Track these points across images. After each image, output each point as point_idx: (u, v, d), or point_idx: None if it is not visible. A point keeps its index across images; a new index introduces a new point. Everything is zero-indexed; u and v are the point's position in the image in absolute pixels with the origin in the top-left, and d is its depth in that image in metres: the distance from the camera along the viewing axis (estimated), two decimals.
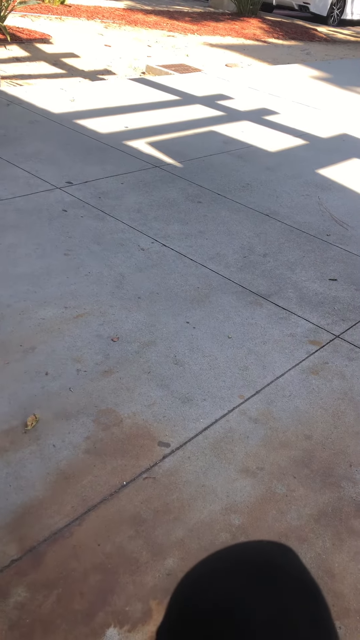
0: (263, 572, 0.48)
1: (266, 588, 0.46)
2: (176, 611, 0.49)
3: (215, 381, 2.05)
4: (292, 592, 0.46)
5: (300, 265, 2.92)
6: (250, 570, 0.48)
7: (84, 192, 3.37)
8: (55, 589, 1.33)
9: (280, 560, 0.49)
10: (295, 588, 0.47)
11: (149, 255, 2.81)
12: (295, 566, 0.49)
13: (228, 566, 0.49)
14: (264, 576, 0.47)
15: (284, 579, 0.47)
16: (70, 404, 1.87)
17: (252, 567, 0.48)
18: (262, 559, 0.49)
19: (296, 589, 0.46)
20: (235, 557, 0.50)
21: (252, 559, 0.49)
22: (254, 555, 0.50)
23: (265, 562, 0.49)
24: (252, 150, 4.57)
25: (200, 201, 3.49)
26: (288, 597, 0.46)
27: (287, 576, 0.48)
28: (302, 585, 0.47)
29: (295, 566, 0.49)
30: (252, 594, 0.46)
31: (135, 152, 4.11)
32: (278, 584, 0.47)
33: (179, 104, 5.52)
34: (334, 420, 1.96)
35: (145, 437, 1.78)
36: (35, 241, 2.78)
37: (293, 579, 0.47)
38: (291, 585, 0.47)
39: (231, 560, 0.50)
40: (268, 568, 0.48)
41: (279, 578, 0.47)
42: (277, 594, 0.46)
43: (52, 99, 5.09)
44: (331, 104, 6.43)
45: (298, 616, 0.45)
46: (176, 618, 0.48)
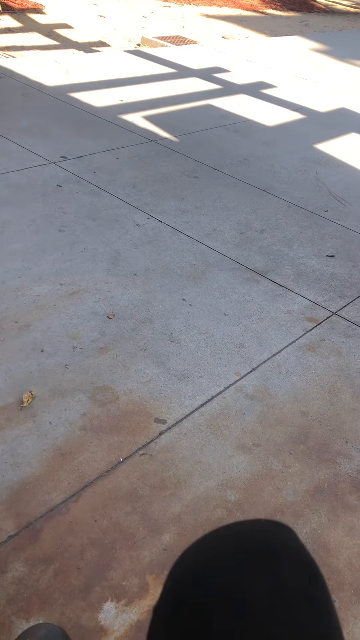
0: (261, 551, 0.47)
1: (264, 567, 0.46)
2: (173, 590, 0.49)
3: (211, 358, 2.04)
4: (291, 572, 0.46)
5: (298, 241, 2.90)
6: (248, 550, 0.47)
7: (78, 166, 3.32)
8: (53, 564, 1.34)
9: (278, 539, 0.49)
10: (293, 567, 0.46)
11: (145, 231, 2.78)
12: (294, 545, 0.49)
13: (225, 545, 0.49)
14: (261, 555, 0.47)
15: (282, 558, 0.47)
16: (66, 381, 1.86)
17: (250, 546, 0.48)
18: (260, 538, 0.49)
19: (294, 569, 0.46)
20: (233, 536, 0.50)
21: (250, 538, 0.49)
22: (251, 534, 0.50)
23: (264, 541, 0.48)
24: (249, 124, 4.50)
25: (197, 176, 3.45)
26: (286, 577, 0.45)
27: (285, 555, 0.47)
28: (300, 565, 0.47)
29: (293, 545, 0.49)
30: (249, 574, 0.45)
31: (130, 126, 4.04)
32: (276, 563, 0.46)
33: (175, 77, 5.42)
34: (330, 397, 1.96)
35: (141, 413, 1.78)
36: (29, 217, 2.75)
37: (291, 558, 0.47)
38: (289, 564, 0.46)
39: (229, 539, 0.49)
40: (266, 547, 0.48)
41: (277, 557, 0.47)
42: (275, 574, 0.45)
43: (46, 71, 4.98)
44: (330, 77, 6.33)
45: (296, 596, 0.44)
46: (173, 597, 0.48)
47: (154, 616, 0.51)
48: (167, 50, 6.41)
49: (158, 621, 0.50)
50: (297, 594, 0.45)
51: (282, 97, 5.31)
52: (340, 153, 4.18)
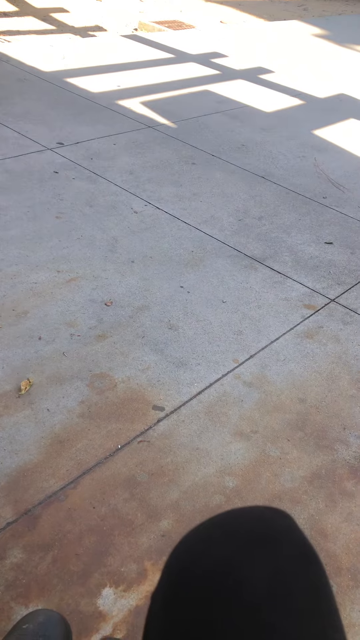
0: (260, 538, 0.47)
1: (263, 554, 0.45)
2: (171, 577, 0.48)
3: (209, 345, 2.04)
4: (290, 559, 0.45)
5: (296, 228, 2.88)
6: (247, 536, 0.47)
7: (75, 153, 3.29)
8: (51, 551, 1.34)
9: (277, 526, 0.48)
10: (292, 554, 0.46)
11: (142, 218, 2.76)
12: (293, 532, 0.48)
13: (224, 532, 0.48)
14: (260, 542, 0.46)
15: (282, 545, 0.46)
16: (64, 368, 1.85)
17: (249, 533, 0.47)
18: (259, 524, 0.48)
19: (294, 556, 0.46)
20: (232, 522, 0.50)
21: (249, 525, 0.48)
22: (250, 520, 0.49)
23: (263, 527, 0.48)
24: (247, 110, 4.46)
25: (195, 162, 3.42)
26: (285, 564, 0.45)
27: (284, 542, 0.47)
28: (299, 552, 0.46)
29: (292, 532, 0.48)
30: (248, 560, 0.45)
31: (128, 112, 4.01)
32: (275, 550, 0.46)
33: (173, 62, 5.36)
34: (328, 383, 1.96)
35: (139, 401, 1.78)
36: (26, 204, 2.73)
37: (291, 545, 0.47)
38: (288, 551, 0.46)
39: (227, 526, 0.49)
40: (265, 534, 0.47)
41: (276, 544, 0.46)
42: (274, 560, 0.45)
43: (42, 56, 4.93)
44: (328, 62, 6.27)
45: (295, 583, 0.44)
46: (171, 584, 0.48)
47: (152, 602, 0.51)
48: (165, 35, 6.34)
49: (156, 607, 0.49)
50: (295, 580, 0.45)
51: (280, 82, 5.26)
52: (339, 139, 4.15)
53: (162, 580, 0.51)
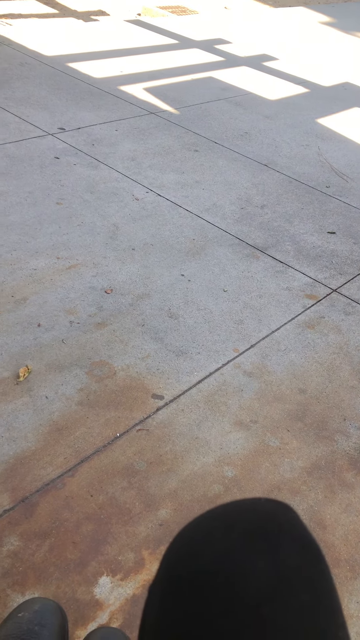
0: (261, 530, 0.45)
1: (264, 547, 0.44)
2: (169, 570, 0.47)
3: (209, 335, 2.02)
4: (291, 553, 0.44)
5: (299, 217, 2.86)
6: (248, 529, 0.46)
7: (76, 138, 3.26)
8: (48, 539, 1.33)
9: (279, 519, 0.47)
10: (294, 548, 0.44)
11: (144, 205, 2.73)
12: (295, 525, 0.47)
13: (224, 524, 0.47)
14: (261, 535, 0.45)
15: (283, 539, 0.45)
16: (63, 355, 1.84)
17: (250, 526, 0.46)
18: (260, 517, 0.47)
19: (295, 549, 0.44)
20: (232, 514, 0.48)
21: (250, 517, 0.47)
22: (251, 513, 0.48)
23: (264, 520, 0.47)
24: (251, 97, 4.41)
25: (197, 150, 3.39)
26: (287, 558, 0.43)
27: (286, 535, 0.45)
28: (301, 546, 0.45)
29: (294, 525, 0.47)
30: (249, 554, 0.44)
31: (130, 98, 3.96)
32: (277, 543, 0.44)
33: (176, 48, 5.30)
34: (329, 374, 1.94)
35: (138, 389, 1.76)
36: (26, 189, 2.70)
37: (292, 539, 0.45)
38: (290, 545, 0.45)
39: (227, 518, 0.48)
40: (266, 527, 0.46)
41: (278, 537, 0.45)
42: (276, 554, 0.43)
43: (44, 41, 4.87)
44: (334, 50, 6.20)
45: (296, 576, 0.43)
46: (169, 577, 0.46)
47: (149, 595, 0.49)
48: (168, 20, 6.27)
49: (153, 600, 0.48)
50: (297, 574, 0.44)
51: (284, 70, 5.20)
52: (343, 128, 4.11)
53: (159, 572, 0.49)
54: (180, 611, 0.43)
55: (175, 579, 0.46)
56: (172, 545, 0.49)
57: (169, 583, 0.46)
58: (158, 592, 0.47)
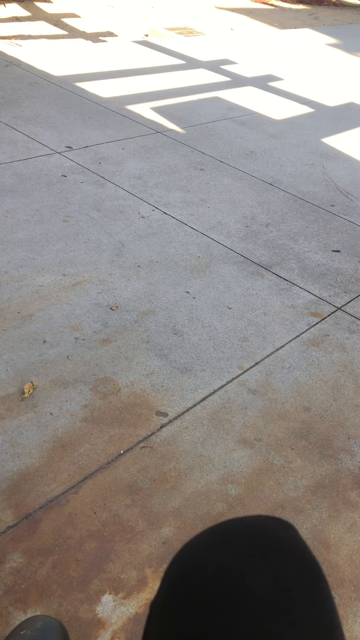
0: (262, 548, 0.46)
1: (265, 564, 0.44)
2: (171, 586, 0.47)
3: (214, 352, 2.03)
4: (292, 570, 0.44)
5: (303, 235, 2.87)
6: (249, 546, 0.46)
7: (84, 157, 3.30)
8: (51, 556, 1.33)
9: (280, 537, 0.47)
10: (295, 565, 0.45)
11: (149, 223, 2.76)
12: (295, 542, 0.47)
13: (226, 541, 0.47)
14: (263, 552, 0.45)
15: (284, 556, 0.45)
16: (68, 372, 1.85)
17: (251, 543, 0.46)
18: (261, 534, 0.47)
19: (296, 567, 0.45)
20: (234, 531, 0.49)
21: (251, 534, 0.47)
22: (253, 530, 0.48)
23: (265, 537, 0.47)
24: (256, 117, 4.46)
25: (203, 168, 3.42)
26: (287, 575, 0.44)
27: (287, 553, 0.46)
28: (302, 563, 0.45)
29: (294, 542, 0.47)
30: (250, 570, 0.44)
31: (137, 117, 4.02)
32: (277, 560, 0.45)
33: (183, 68, 5.38)
34: (334, 392, 1.94)
35: (143, 406, 1.77)
36: (33, 207, 2.73)
37: (293, 556, 0.46)
38: (291, 562, 0.45)
39: (229, 535, 0.48)
40: (267, 544, 0.46)
41: (279, 555, 0.45)
42: (276, 571, 0.44)
43: (53, 61, 4.95)
44: (338, 70, 6.27)
45: (297, 594, 0.43)
46: (171, 593, 0.47)
47: (151, 611, 0.50)
48: (175, 41, 6.37)
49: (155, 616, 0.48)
50: (297, 591, 0.44)
51: (290, 90, 5.27)
52: (348, 147, 4.14)
53: (161, 588, 0.50)
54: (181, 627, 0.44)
55: (177, 595, 0.46)
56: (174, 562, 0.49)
57: (171, 599, 0.46)
58: (159, 608, 0.47)
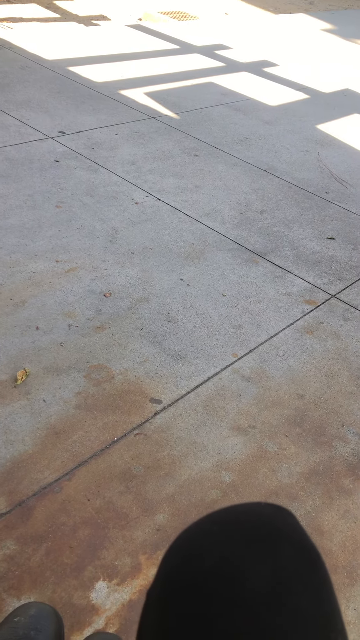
0: (261, 535, 0.45)
1: (264, 552, 0.44)
2: (167, 574, 0.47)
3: (208, 339, 2.02)
4: (291, 558, 0.44)
5: (298, 222, 2.86)
6: (247, 534, 0.45)
7: (76, 142, 3.26)
8: (45, 543, 1.33)
9: (279, 524, 0.47)
10: (294, 553, 0.44)
11: (143, 209, 2.73)
12: (296, 530, 0.47)
13: (223, 529, 0.47)
14: (261, 540, 0.45)
15: (283, 544, 0.45)
16: (61, 359, 1.84)
17: (249, 530, 0.46)
18: (259, 521, 0.47)
19: (295, 555, 0.44)
20: (232, 519, 0.48)
21: (249, 522, 0.47)
22: (251, 517, 0.48)
23: (263, 525, 0.46)
24: (251, 103, 4.43)
25: (197, 154, 3.39)
26: (286, 563, 0.43)
27: (286, 540, 0.45)
28: (301, 551, 0.45)
29: (294, 530, 0.47)
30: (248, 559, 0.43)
31: (130, 102, 3.97)
32: (276, 548, 0.44)
33: (177, 53, 5.32)
34: (328, 380, 1.94)
35: (137, 393, 1.76)
36: (26, 192, 2.70)
37: (292, 544, 0.45)
38: (290, 550, 0.44)
39: (227, 523, 0.47)
40: (266, 531, 0.46)
41: (278, 542, 0.45)
42: (275, 559, 0.43)
43: (45, 44, 4.88)
44: (334, 56, 6.23)
45: (297, 583, 0.42)
46: (167, 581, 0.46)
47: (147, 600, 0.49)
48: (169, 25, 6.29)
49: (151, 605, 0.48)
50: (297, 580, 0.43)
51: (285, 76, 5.22)
52: (343, 134, 4.12)
53: (158, 577, 0.49)
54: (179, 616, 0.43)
55: (174, 584, 0.45)
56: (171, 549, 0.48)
57: (168, 587, 0.46)
58: (156, 597, 0.47)
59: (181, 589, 0.45)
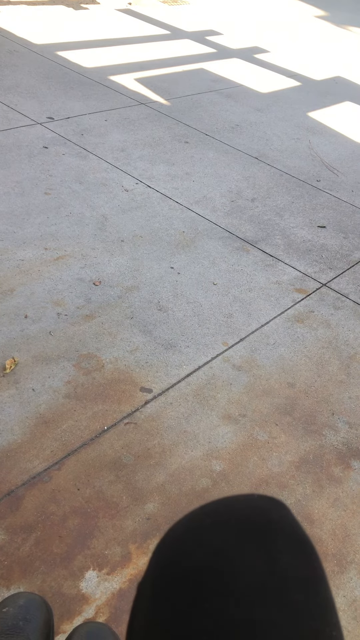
0: (253, 528, 0.44)
1: (256, 545, 0.43)
2: (158, 568, 0.46)
3: (199, 328, 2.01)
4: (285, 550, 0.43)
5: (289, 211, 2.85)
6: (240, 526, 0.44)
7: (65, 128, 3.21)
8: (34, 532, 1.32)
9: (272, 516, 0.46)
10: (287, 546, 0.43)
11: (133, 196, 2.70)
12: (288, 522, 0.46)
13: (215, 521, 0.46)
14: (254, 532, 0.44)
15: (276, 536, 0.44)
16: (51, 347, 1.82)
17: (242, 523, 0.45)
18: (252, 513, 0.46)
19: (289, 547, 0.43)
20: (224, 511, 0.47)
21: (242, 514, 0.46)
22: (243, 509, 0.47)
23: (256, 517, 0.45)
24: (242, 89, 4.39)
25: (187, 141, 3.36)
26: (280, 556, 0.42)
27: (280, 533, 0.44)
28: (296, 544, 0.44)
29: (288, 522, 0.46)
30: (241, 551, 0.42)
31: (120, 88, 3.92)
32: (269, 540, 0.43)
33: (167, 39, 5.25)
34: (318, 368, 1.94)
35: (127, 382, 1.75)
36: (14, 179, 2.66)
37: (286, 537, 0.44)
38: (283, 542, 0.43)
39: (219, 515, 0.46)
40: (259, 524, 0.45)
41: (271, 534, 0.44)
42: (269, 552, 0.42)
43: (33, 28, 4.80)
44: (326, 43, 6.18)
45: (291, 576, 0.41)
46: (158, 575, 0.45)
47: (138, 593, 0.48)
48: (159, 10, 6.21)
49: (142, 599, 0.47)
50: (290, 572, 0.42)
51: (276, 62, 5.18)
52: (334, 122, 4.10)
53: (149, 569, 0.48)
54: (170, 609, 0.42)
55: (166, 577, 0.44)
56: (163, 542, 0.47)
57: (159, 581, 0.45)
58: (147, 590, 0.46)
59: (173, 582, 0.44)
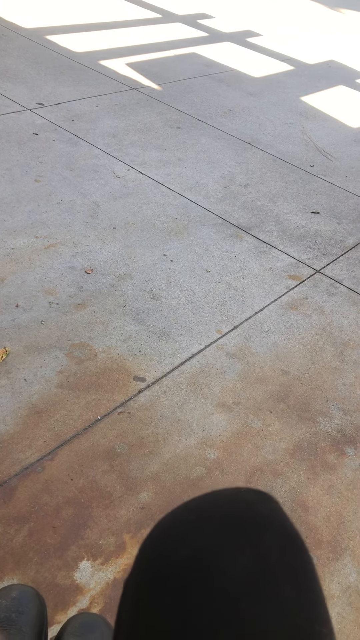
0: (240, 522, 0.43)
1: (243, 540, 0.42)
2: (145, 564, 0.45)
3: (192, 316, 1.99)
4: (273, 545, 0.42)
5: (283, 197, 2.82)
6: (226, 521, 0.43)
7: (56, 114, 3.17)
8: (27, 523, 1.31)
9: (259, 510, 0.45)
10: (275, 540, 0.42)
11: (125, 183, 2.67)
12: (277, 516, 0.45)
13: (201, 516, 0.44)
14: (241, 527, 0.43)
15: (264, 530, 0.43)
16: (42, 337, 1.80)
17: (228, 517, 0.44)
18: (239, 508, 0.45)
19: (277, 542, 0.42)
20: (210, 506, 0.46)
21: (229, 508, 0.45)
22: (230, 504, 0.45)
23: (243, 511, 0.44)
24: (235, 74, 4.34)
25: (180, 127, 3.32)
26: (268, 550, 0.41)
27: (267, 527, 0.43)
28: (283, 538, 0.43)
29: (276, 516, 0.45)
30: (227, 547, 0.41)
31: (111, 73, 3.86)
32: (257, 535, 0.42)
33: (158, 22, 5.18)
34: (312, 355, 1.93)
35: (120, 371, 1.73)
36: (4, 166, 2.62)
37: (274, 531, 0.43)
38: (271, 537, 0.42)
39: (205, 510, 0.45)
40: (246, 518, 0.44)
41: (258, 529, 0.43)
42: (256, 547, 0.41)
43: (21, 11, 4.72)
44: (318, 26, 6.11)
45: (279, 571, 0.40)
46: (144, 572, 0.44)
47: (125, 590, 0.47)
48: None
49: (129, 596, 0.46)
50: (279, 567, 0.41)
51: (269, 46, 5.12)
52: (328, 106, 4.06)
53: (136, 565, 0.47)
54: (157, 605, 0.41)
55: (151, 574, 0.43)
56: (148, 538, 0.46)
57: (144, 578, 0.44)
58: (134, 586, 0.45)
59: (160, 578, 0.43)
